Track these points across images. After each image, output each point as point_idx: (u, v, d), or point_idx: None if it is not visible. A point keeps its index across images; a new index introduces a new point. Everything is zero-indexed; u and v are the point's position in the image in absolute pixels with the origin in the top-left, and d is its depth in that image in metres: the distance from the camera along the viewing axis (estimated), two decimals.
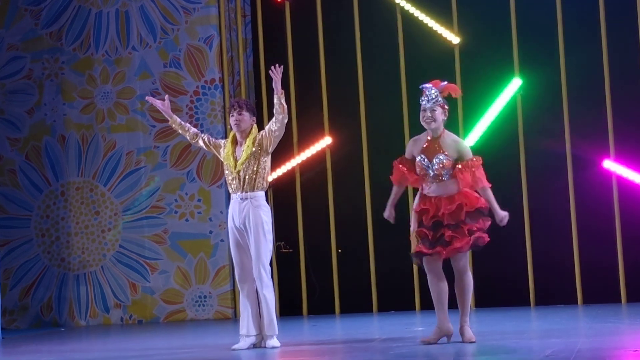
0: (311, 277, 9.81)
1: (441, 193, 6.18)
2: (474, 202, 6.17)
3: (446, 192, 6.18)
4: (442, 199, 6.15)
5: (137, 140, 9.98)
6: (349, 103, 9.70)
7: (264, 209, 6.56)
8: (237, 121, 6.61)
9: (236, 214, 6.55)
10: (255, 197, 6.54)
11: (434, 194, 6.18)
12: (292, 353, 6.36)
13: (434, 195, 6.18)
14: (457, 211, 6.13)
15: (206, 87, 9.90)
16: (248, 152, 6.56)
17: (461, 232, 6.11)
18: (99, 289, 9.96)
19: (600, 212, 9.06)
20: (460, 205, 6.13)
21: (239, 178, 6.57)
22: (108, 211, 9.98)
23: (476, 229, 6.15)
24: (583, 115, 9.18)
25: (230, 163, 6.60)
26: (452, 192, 6.18)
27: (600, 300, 8.93)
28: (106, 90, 10.03)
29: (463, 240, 6.10)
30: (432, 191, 6.19)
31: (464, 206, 6.13)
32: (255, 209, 6.50)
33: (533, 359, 5.28)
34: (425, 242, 6.14)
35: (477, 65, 9.41)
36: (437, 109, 6.19)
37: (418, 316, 8.81)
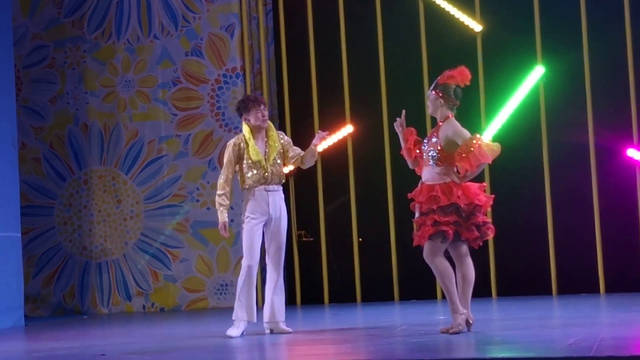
0: (332, 266, 9.81)
1: (426, 179, 6.16)
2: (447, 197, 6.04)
3: (431, 179, 6.12)
4: (423, 186, 6.13)
5: (159, 129, 10.00)
6: (370, 91, 9.68)
7: (284, 202, 6.85)
8: (265, 117, 6.80)
9: (267, 205, 6.69)
10: (278, 190, 6.80)
11: (423, 179, 6.22)
12: (313, 341, 6.37)
13: (422, 181, 6.21)
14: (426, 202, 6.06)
15: (227, 75, 9.90)
16: (278, 149, 6.77)
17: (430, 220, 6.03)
18: (120, 276, 10.01)
19: (623, 200, 9.01)
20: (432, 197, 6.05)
21: (272, 172, 6.74)
22: (130, 199, 10.02)
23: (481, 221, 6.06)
24: (606, 104, 9.12)
25: (260, 157, 6.71)
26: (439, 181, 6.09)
27: (623, 289, 8.88)
28: (128, 79, 10.06)
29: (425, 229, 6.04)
30: (423, 176, 6.24)
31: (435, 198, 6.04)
32: (282, 200, 6.78)
33: (555, 348, 5.27)
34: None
35: (499, 53, 9.37)
36: (431, 94, 6.25)
37: (439, 305, 8.80)
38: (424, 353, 5.36)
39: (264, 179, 6.72)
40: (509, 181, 8.43)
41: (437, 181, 6.10)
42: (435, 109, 6.25)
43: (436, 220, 6.02)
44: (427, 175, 6.17)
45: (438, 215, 6.02)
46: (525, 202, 9.09)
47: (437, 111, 6.24)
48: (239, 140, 6.79)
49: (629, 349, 5.10)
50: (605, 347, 5.10)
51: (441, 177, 6.11)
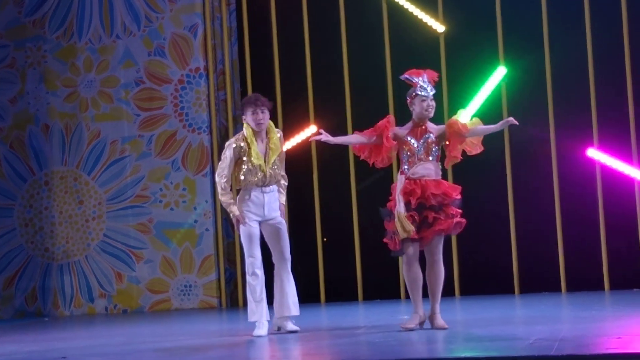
0: (296, 266, 9.79)
1: (424, 175, 6.28)
2: (455, 190, 6.28)
3: (430, 175, 6.28)
4: (428, 182, 6.25)
5: (122, 129, 9.94)
6: (334, 91, 9.68)
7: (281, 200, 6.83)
8: (262, 119, 6.65)
9: (263, 205, 6.64)
10: (275, 190, 6.74)
11: (417, 175, 6.27)
12: (275, 341, 6.35)
13: (418, 177, 6.26)
14: (442, 194, 6.23)
15: (191, 75, 9.86)
16: (277, 152, 6.71)
17: (444, 214, 6.22)
18: (83, 278, 9.93)
19: (584, 200, 9.09)
20: (446, 190, 6.22)
21: (270, 173, 6.70)
22: (92, 200, 9.94)
23: (456, 212, 6.26)
24: (567, 104, 9.20)
25: (260, 159, 6.66)
26: (436, 177, 6.30)
27: (584, 288, 8.96)
28: (90, 79, 9.98)
29: (446, 222, 6.19)
30: (417, 172, 6.28)
31: (449, 190, 6.21)
32: (276, 202, 6.71)
33: (517, 346, 5.29)
34: (414, 226, 6.20)
35: (462, 54, 9.41)
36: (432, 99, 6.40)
37: (403, 304, 8.82)
38: (388, 353, 5.36)
39: (262, 181, 6.68)
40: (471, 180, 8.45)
41: (437, 176, 6.31)
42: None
43: (453, 213, 6.22)
44: (425, 170, 6.28)
45: (452, 208, 6.23)
46: (487, 202, 9.14)
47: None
48: (240, 142, 6.66)
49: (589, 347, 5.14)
50: (566, 346, 5.12)
51: (437, 172, 6.32)
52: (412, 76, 6.40)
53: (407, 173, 6.27)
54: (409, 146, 6.30)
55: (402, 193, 6.23)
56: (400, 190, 6.25)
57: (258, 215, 6.66)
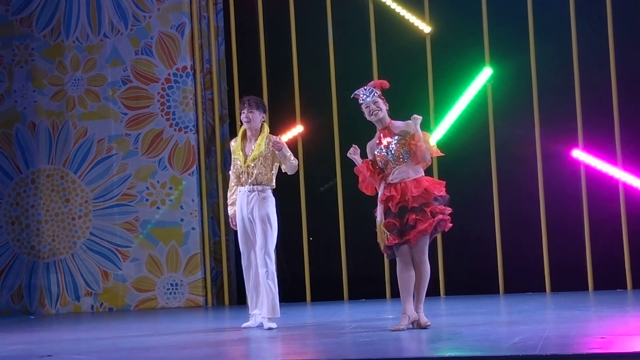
0: (282, 265, 9.79)
1: (404, 177, 6.27)
2: (438, 188, 6.26)
3: (409, 176, 6.27)
4: (408, 183, 6.24)
5: (108, 128, 9.91)
6: (320, 91, 9.68)
7: (270, 201, 6.86)
8: (248, 118, 6.84)
9: (244, 206, 6.82)
10: (262, 189, 6.82)
11: (397, 179, 6.27)
12: (262, 340, 6.34)
13: (398, 181, 6.25)
14: (422, 195, 6.22)
15: (178, 74, 9.84)
16: (259, 150, 6.80)
17: (424, 214, 6.22)
18: (69, 276, 9.89)
19: (568, 201, 9.11)
20: (427, 189, 6.21)
21: (248, 172, 6.80)
22: (79, 199, 9.91)
23: (438, 210, 6.23)
24: (552, 105, 9.22)
25: (240, 157, 6.80)
26: (416, 176, 6.28)
27: (568, 288, 8.98)
28: (77, 77, 9.94)
29: (426, 222, 6.20)
30: (396, 177, 6.29)
31: (429, 190, 6.20)
32: (262, 201, 6.79)
33: (501, 346, 5.29)
34: (395, 232, 6.22)
35: (448, 55, 9.42)
36: (378, 100, 6.39)
37: (388, 304, 8.82)
38: (373, 352, 5.36)
39: (240, 179, 6.84)
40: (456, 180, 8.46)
41: (417, 174, 6.28)
42: (384, 112, 6.40)
43: (435, 211, 6.21)
44: (403, 173, 6.27)
45: (434, 207, 6.22)
46: (472, 201, 9.15)
47: (386, 115, 6.40)
48: (233, 141, 6.98)
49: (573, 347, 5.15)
50: (550, 345, 5.13)
51: (416, 172, 6.30)
52: (357, 91, 6.43)
53: (387, 179, 6.31)
54: (381, 155, 6.35)
55: (381, 200, 6.29)
56: (379, 197, 6.29)
57: (241, 214, 6.84)
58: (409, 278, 6.26)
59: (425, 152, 6.24)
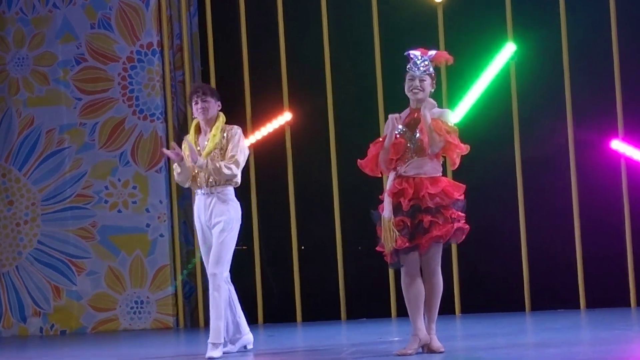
0: (268, 279, 9.82)
1: (420, 172, 6.22)
2: (457, 190, 6.25)
3: (426, 172, 6.22)
4: (423, 179, 6.20)
5: (60, 116, 9.92)
6: (312, 72, 9.69)
7: (232, 205, 6.78)
8: (203, 109, 6.80)
9: (202, 211, 6.78)
10: (223, 191, 6.76)
11: (411, 172, 6.22)
12: None
13: (411, 175, 6.23)
14: (440, 195, 6.18)
15: (142, 52, 9.85)
16: (215, 141, 6.72)
17: (442, 217, 6.16)
18: (13, 293, 9.90)
19: (606, 201, 9.14)
20: (445, 190, 6.19)
21: (198, 172, 6.75)
22: (24, 200, 9.91)
23: (457, 216, 6.20)
24: (587, 88, 9.24)
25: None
26: (433, 174, 6.24)
27: (607, 304, 9.02)
28: (21, 56, 9.94)
29: (444, 227, 6.14)
30: (410, 169, 6.22)
31: (448, 191, 6.19)
32: (223, 204, 6.74)
33: None
34: (404, 233, 6.16)
35: (463, 28, 9.44)
36: (427, 79, 6.29)
37: (394, 324, 8.85)
38: None
39: (193, 178, 6.80)
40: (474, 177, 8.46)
41: (434, 173, 6.23)
42: (427, 95, 6.29)
43: (454, 217, 6.16)
44: (419, 167, 6.21)
45: (453, 211, 6.16)
46: (493, 203, 9.17)
47: (426, 98, 6.29)
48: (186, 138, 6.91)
49: None
50: None
51: (435, 169, 6.24)
52: (414, 52, 6.33)
53: (399, 170, 6.26)
54: (399, 139, 6.23)
55: (391, 194, 6.20)
56: (388, 190, 6.26)
57: (204, 220, 6.80)
58: (418, 293, 6.22)
59: (429, 141, 6.20)
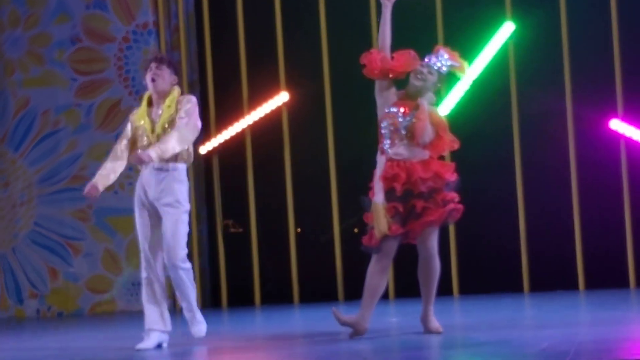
0: (265, 261, 9.82)
1: (411, 156, 6.18)
2: (448, 171, 6.22)
3: (416, 156, 6.19)
4: (414, 164, 6.16)
5: (55, 97, 9.91)
6: (309, 52, 9.68)
7: (185, 184, 6.34)
8: (155, 76, 6.32)
9: (150, 187, 6.30)
10: (176, 169, 6.31)
11: (401, 157, 6.18)
12: (242, 349, 6.36)
13: (401, 159, 6.18)
14: (432, 179, 6.15)
15: (138, 32, 9.83)
16: (169, 112, 6.32)
17: (434, 202, 6.14)
18: (10, 275, 9.91)
19: (605, 180, 9.14)
20: (437, 174, 6.15)
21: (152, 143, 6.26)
22: (20, 182, 9.92)
23: (449, 199, 6.18)
24: (587, 66, 9.23)
25: (146, 125, 6.33)
26: (423, 157, 6.21)
27: (605, 285, 9.02)
28: (16, 36, 9.92)
29: (437, 211, 6.12)
30: (401, 153, 6.18)
31: (440, 174, 6.16)
32: (176, 183, 6.29)
33: (526, 353, 5.32)
34: (397, 219, 6.13)
35: (461, 6, 9.42)
36: (434, 75, 6.25)
37: (392, 305, 8.85)
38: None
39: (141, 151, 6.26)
40: (472, 157, 8.46)
41: (424, 157, 6.19)
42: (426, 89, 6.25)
43: (447, 199, 6.15)
44: (408, 152, 6.17)
45: (444, 194, 6.15)
46: (491, 182, 9.18)
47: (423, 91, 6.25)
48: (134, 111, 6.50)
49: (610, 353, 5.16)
50: (584, 352, 5.16)
51: (423, 153, 6.21)
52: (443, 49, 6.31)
53: (389, 153, 6.22)
54: (394, 119, 6.21)
55: (383, 178, 6.16)
56: (379, 175, 6.20)
57: (142, 200, 6.35)
58: (382, 285, 6.24)
59: (424, 131, 6.15)
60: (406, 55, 6.29)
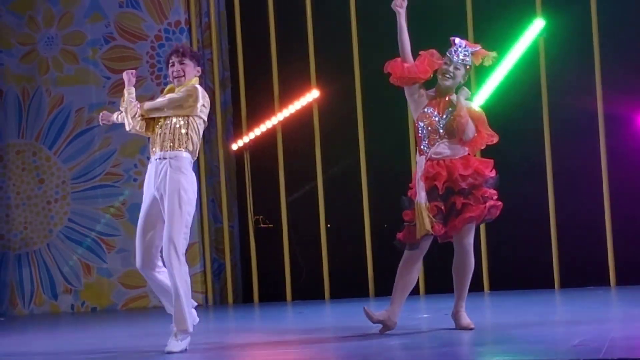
0: (296, 257, 9.82)
1: (451, 154, 6.20)
2: (488, 168, 6.22)
3: (456, 154, 6.21)
4: (454, 161, 6.18)
5: (89, 95, 9.95)
6: (339, 50, 9.67)
7: (187, 175, 6.02)
8: (178, 73, 6.13)
9: (152, 179, 6.07)
10: (176, 157, 6.02)
11: (440, 155, 6.19)
12: (274, 344, 6.38)
13: (441, 157, 6.19)
14: (472, 175, 6.16)
15: (170, 30, 9.86)
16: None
17: (474, 198, 6.15)
18: (45, 270, 9.96)
19: (635, 178, 9.09)
20: (477, 170, 6.17)
21: (160, 133, 6.14)
22: (54, 179, 9.96)
23: (489, 195, 6.19)
24: (617, 64, 9.18)
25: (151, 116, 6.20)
26: (462, 154, 6.24)
27: (637, 281, 8.97)
28: (50, 35, 9.97)
29: (477, 208, 6.13)
30: (440, 152, 6.20)
31: (480, 170, 6.17)
32: (174, 172, 5.98)
33: (558, 350, 5.30)
34: (439, 219, 6.14)
35: (491, 3, 9.38)
36: (461, 69, 6.27)
37: (422, 301, 8.83)
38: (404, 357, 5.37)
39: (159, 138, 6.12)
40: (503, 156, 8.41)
41: (463, 153, 6.23)
42: (455, 85, 6.27)
43: (487, 195, 6.16)
44: (447, 150, 6.20)
45: (484, 190, 6.17)
46: (522, 181, 9.14)
47: (454, 87, 6.27)
48: None
49: None
50: (617, 348, 5.13)
51: (463, 149, 6.24)
52: (458, 39, 6.32)
53: (428, 153, 6.22)
54: (429, 119, 6.23)
55: (424, 178, 6.17)
56: (421, 175, 6.20)
57: (148, 190, 6.11)
58: (413, 280, 6.27)
59: (466, 126, 6.17)
60: (428, 58, 6.30)
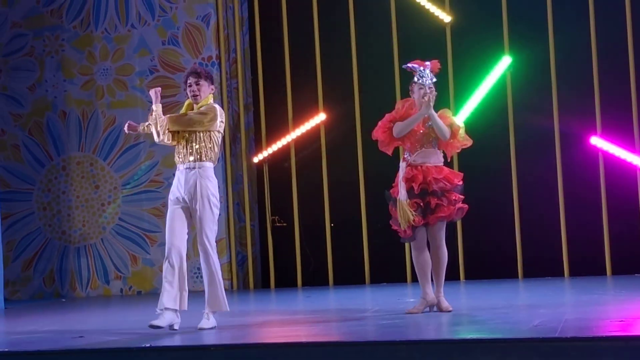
0: (305, 250, 9.79)
1: (427, 161, 6.24)
2: (457, 177, 6.25)
3: (430, 161, 6.26)
4: (429, 167, 6.22)
5: (136, 116, 9.89)
6: (343, 80, 9.63)
7: (212, 182, 6.03)
8: (194, 93, 6.02)
9: (182, 185, 6.01)
10: (203, 167, 6.01)
11: (418, 161, 6.25)
12: (287, 322, 6.34)
13: (418, 163, 6.23)
14: (443, 180, 6.20)
15: (203, 64, 9.81)
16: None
17: (447, 200, 6.19)
18: (99, 260, 9.93)
19: (586, 187, 9.03)
20: (447, 177, 6.19)
21: (187, 146, 6.09)
22: (108, 185, 9.94)
23: (458, 198, 6.24)
24: (571, 93, 9.13)
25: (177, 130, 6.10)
26: (437, 163, 6.29)
27: (587, 273, 8.91)
28: (105, 67, 9.95)
29: (448, 208, 6.18)
30: (419, 158, 6.26)
31: (450, 177, 6.20)
32: (202, 180, 5.97)
33: (521, 330, 5.26)
34: (419, 213, 6.20)
35: (468, 44, 9.35)
36: (433, 87, 6.36)
37: (409, 288, 8.80)
38: (394, 335, 5.34)
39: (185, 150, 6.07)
40: (476, 167, 8.43)
41: (439, 163, 6.29)
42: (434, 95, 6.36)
43: (455, 199, 6.19)
44: (425, 157, 6.25)
45: (455, 195, 6.20)
46: (492, 188, 9.09)
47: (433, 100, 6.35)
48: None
49: (592, 330, 5.11)
50: (570, 328, 5.09)
51: (438, 159, 6.30)
52: (414, 65, 6.39)
53: (409, 160, 6.27)
54: (415, 135, 6.28)
55: (404, 180, 6.21)
56: (402, 177, 6.23)
57: (177, 196, 6.02)
58: (426, 262, 6.27)
59: (442, 127, 6.21)
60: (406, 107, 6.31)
